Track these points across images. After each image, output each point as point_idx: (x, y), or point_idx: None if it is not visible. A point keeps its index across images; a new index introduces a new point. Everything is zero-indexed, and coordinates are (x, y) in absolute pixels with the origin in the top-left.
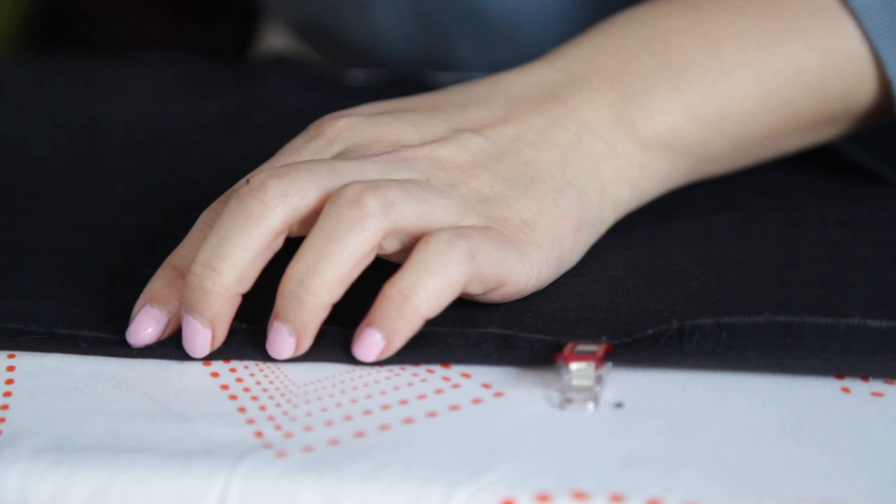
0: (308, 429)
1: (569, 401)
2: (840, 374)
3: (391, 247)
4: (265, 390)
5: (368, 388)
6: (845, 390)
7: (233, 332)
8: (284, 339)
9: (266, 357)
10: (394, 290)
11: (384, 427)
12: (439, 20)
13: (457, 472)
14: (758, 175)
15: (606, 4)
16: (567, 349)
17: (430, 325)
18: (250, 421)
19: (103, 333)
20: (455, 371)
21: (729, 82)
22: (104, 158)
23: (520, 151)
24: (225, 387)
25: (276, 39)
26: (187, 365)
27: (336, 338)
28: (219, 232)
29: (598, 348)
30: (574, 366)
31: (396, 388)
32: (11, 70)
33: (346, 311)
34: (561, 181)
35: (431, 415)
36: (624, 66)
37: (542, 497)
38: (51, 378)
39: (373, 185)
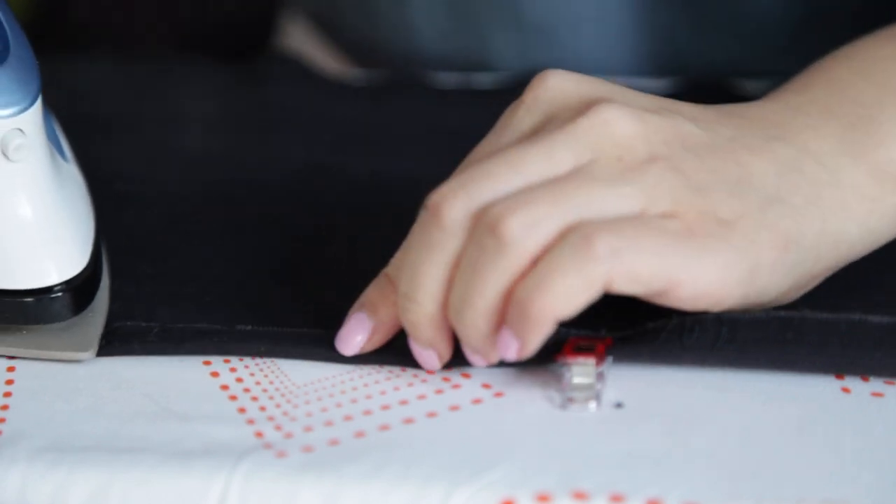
0: (308, 429)
1: (570, 400)
2: (840, 371)
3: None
4: (265, 391)
5: (368, 388)
6: (845, 390)
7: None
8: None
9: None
10: (521, 291)
11: (384, 427)
12: (476, 19)
13: (457, 472)
14: None
15: (646, 6)
16: (567, 348)
17: None
18: (250, 421)
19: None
20: (455, 371)
21: None
22: (104, 158)
23: (734, 151)
24: (225, 387)
25: (296, 35)
26: (187, 365)
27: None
28: (411, 261)
29: (597, 343)
30: (574, 364)
31: (396, 389)
32: None
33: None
34: (773, 193)
35: (431, 415)
36: (841, 94)
37: (542, 497)
38: (51, 378)
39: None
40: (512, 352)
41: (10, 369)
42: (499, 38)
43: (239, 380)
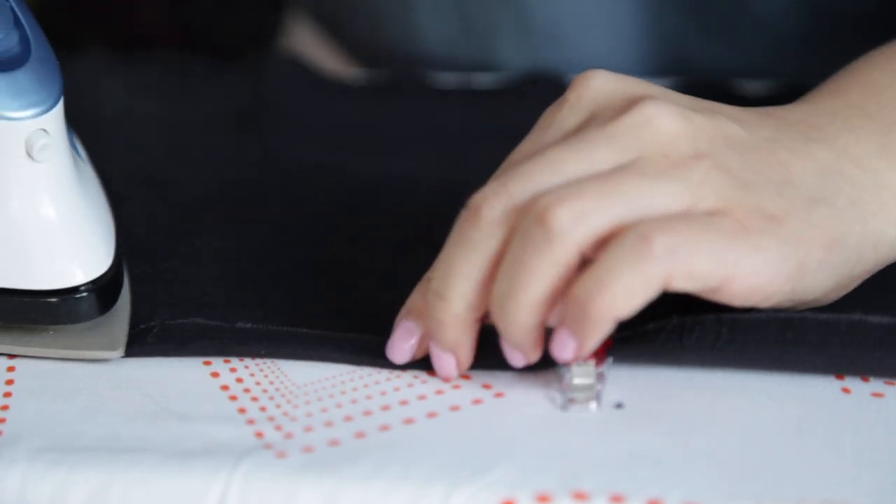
0: (308, 429)
1: (571, 401)
2: (840, 371)
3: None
4: (265, 391)
5: (369, 388)
6: (845, 391)
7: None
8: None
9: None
10: (579, 290)
11: (384, 428)
12: (483, 22)
13: (457, 472)
14: None
15: (654, 10)
16: None
17: None
18: (250, 421)
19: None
20: None
21: None
22: (103, 158)
23: (775, 151)
24: (225, 387)
25: (300, 36)
26: (187, 365)
27: (337, 338)
28: (446, 259)
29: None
30: (575, 364)
31: (397, 389)
32: None
33: (347, 315)
34: (816, 193)
35: (432, 415)
36: (877, 97)
37: (542, 497)
38: (51, 378)
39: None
40: (569, 352)
41: (10, 369)
42: (506, 41)
43: (239, 380)
